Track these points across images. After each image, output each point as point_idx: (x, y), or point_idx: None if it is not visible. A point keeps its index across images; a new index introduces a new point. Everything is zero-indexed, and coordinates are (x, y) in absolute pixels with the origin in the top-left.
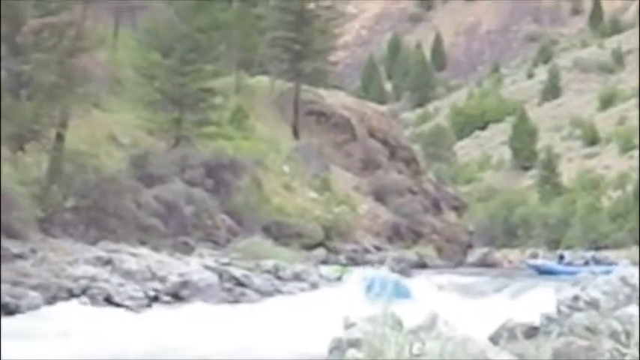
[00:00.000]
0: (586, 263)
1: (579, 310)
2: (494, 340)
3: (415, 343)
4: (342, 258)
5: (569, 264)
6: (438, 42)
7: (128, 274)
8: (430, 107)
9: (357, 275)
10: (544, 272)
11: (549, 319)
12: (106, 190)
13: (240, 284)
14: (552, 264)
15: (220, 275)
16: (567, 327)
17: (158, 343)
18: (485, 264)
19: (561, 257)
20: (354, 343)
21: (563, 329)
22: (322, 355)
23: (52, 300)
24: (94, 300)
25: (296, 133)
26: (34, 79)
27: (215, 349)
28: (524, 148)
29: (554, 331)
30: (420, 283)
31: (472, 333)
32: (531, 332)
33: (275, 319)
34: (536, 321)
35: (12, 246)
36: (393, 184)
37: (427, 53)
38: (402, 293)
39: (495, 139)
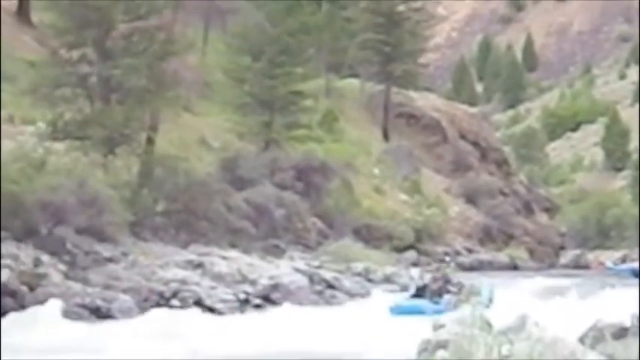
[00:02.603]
0: None
1: None
2: (583, 341)
3: (504, 344)
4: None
5: None
6: (528, 43)
7: (219, 277)
8: (521, 109)
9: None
10: None
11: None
12: (197, 194)
13: (331, 287)
14: None
15: (311, 278)
16: None
17: (251, 346)
18: (578, 266)
19: None
20: (443, 345)
21: None
22: (412, 356)
23: (143, 303)
24: (185, 303)
25: (386, 136)
26: (124, 84)
27: (309, 351)
28: (617, 150)
29: None
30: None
31: (562, 334)
32: (621, 333)
33: (365, 320)
34: (627, 321)
35: (103, 250)
36: (484, 186)
37: (518, 54)
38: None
39: (587, 141)
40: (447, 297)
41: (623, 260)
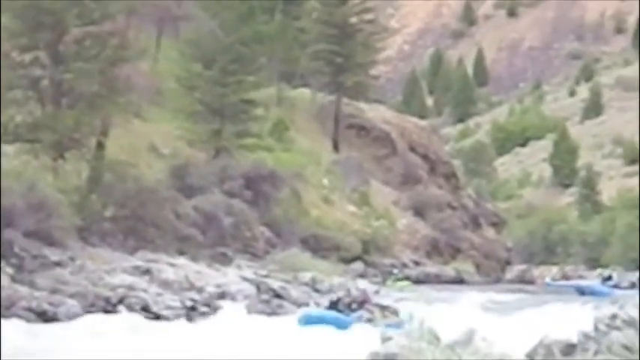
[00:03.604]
0: (632, 285)
1: (617, 328)
2: (531, 356)
3: (452, 358)
4: (379, 272)
5: (616, 286)
6: (480, 58)
7: (166, 284)
8: (471, 123)
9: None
10: (588, 294)
11: (587, 336)
12: (146, 200)
13: (278, 296)
14: (597, 286)
15: (258, 287)
16: (605, 345)
17: (195, 354)
18: (523, 281)
19: (608, 278)
20: (391, 357)
21: (600, 347)
22: None
23: (89, 308)
24: (131, 309)
25: (336, 147)
26: (75, 88)
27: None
28: (565, 166)
29: (592, 348)
30: (457, 299)
31: (509, 349)
32: (568, 350)
33: (311, 332)
34: (574, 338)
35: (51, 254)
36: (432, 199)
37: (469, 69)
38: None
39: (536, 156)
40: (359, 313)
41: (564, 276)
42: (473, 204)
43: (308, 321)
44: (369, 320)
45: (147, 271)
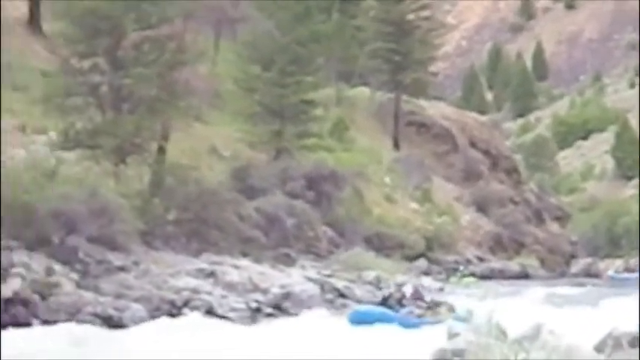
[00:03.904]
0: None
1: None
2: (599, 349)
3: (520, 353)
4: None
5: None
6: (539, 51)
7: (230, 286)
8: (532, 117)
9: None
10: None
11: None
12: (208, 203)
13: (342, 295)
14: None
15: (322, 287)
16: None
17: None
18: (588, 274)
19: None
20: (459, 354)
21: None
22: None
23: (154, 312)
24: (196, 312)
25: (397, 144)
26: (135, 93)
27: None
28: (627, 158)
29: None
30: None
31: (577, 342)
32: (636, 342)
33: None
34: None
35: (115, 258)
36: (494, 194)
37: (528, 63)
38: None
39: (598, 149)
40: (409, 308)
41: (627, 269)
42: (535, 198)
43: (356, 318)
44: (419, 316)
45: (211, 274)
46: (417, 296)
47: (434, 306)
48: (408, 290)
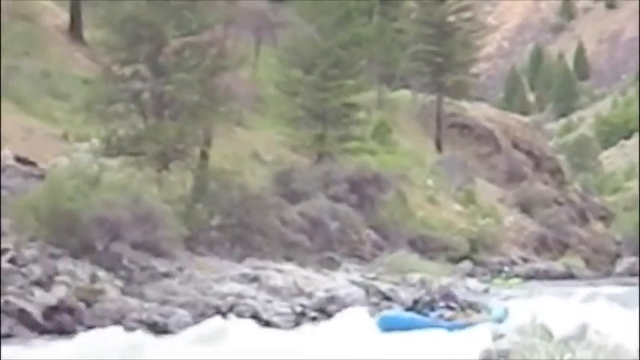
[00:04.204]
0: None
1: None
2: None
3: (566, 353)
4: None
5: None
6: (580, 51)
7: (275, 291)
8: (574, 117)
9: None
10: None
11: None
12: (251, 208)
13: (387, 298)
14: None
15: (367, 290)
16: None
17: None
18: (633, 273)
19: None
20: (504, 354)
21: None
22: None
23: (199, 318)
24: (241, 317)
25: (439, 146)
26: (177, 99)
27: None
28: None
29: None
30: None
31: (623, 342)
32: None
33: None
34: None
35: (159, 265)
36: (538, 195)
37: (570, 63)
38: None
39: None
40: (439, 312)
41: None
42: (579, 198)
43: (384, 323)
44: (449, 319)
45: (255, 279)
46: (449, 298)
47: (467, 307)
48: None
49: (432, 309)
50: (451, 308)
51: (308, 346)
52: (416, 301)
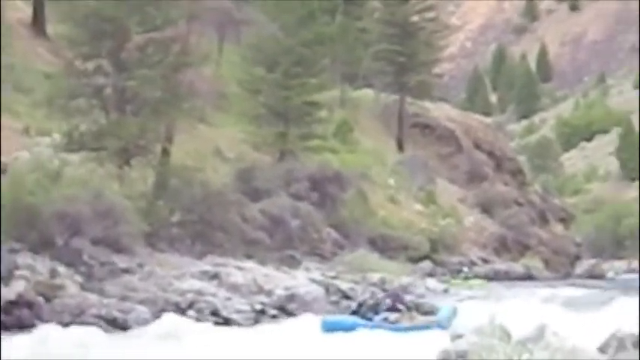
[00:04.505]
0: None
1: None
2: (603, 350)
3: (523, 353)
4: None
5: None
6: (543, 53)
7: (235, 288)
8: (536, 118)
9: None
10: None
11: None
12: (212, 205)
13: (347, 297)
14: None
15: (327, 288)
16: None
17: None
18: (592, 276)
19: None
20: (462, 355)
21: None
22: None
23: (159, 314)
24: (201, 314)
25: (401, 146)
26: (139, 95)
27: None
28: (631, 159)
29: None
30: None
31: (581, 344)
32: None
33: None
34: None
35: (120, 260)
36: (499, 196)
37: (532, 64)
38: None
39: (602, 150)
40: (383, 314)
41: (629, 270)
42: (540, 200)
43: (327, 327)
44: (394, 322)
45: (215, 276)
46: (397, 299)
47: (414, 308)
48: (386, 301)
49: (377, 312)
50: (397, 310)
51: (266, 344)
52: (360, 304)
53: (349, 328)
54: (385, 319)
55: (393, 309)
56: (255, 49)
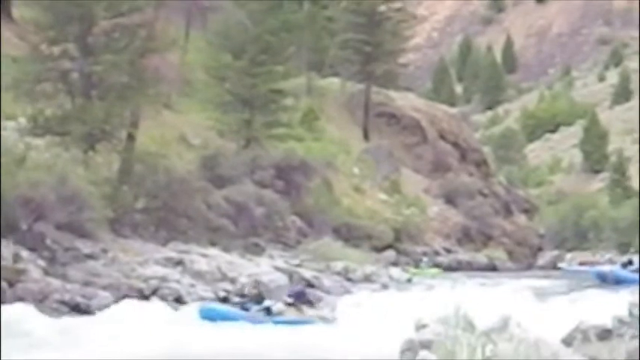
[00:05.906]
0: None
1: None
2: (567, 342)
3: (487, 344)
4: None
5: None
6: (508, 44)
7: (198, 275)
8: (500, 110)
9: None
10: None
11: (622, 322)
12: (177, 191)
13: (311, 285)
14: (618, 270)
15: (290, 276)
16: None
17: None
18: (555, 267)
19: (629, 263)
20: (426, 345)
21: (636, 332)
22: (394, 357)
23: (122, 300)
24: (164, 300)
25: (366, 135)
26: (105, 80)
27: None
28: (595, 152)
29: (627, 333)
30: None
31: (545, 335)
32: (604, 335)
33: (345, 320)
34: (609, 324)
35: (83, 246)
36: (463, 186)
37: (498, 55)
38: None
39: (566, 142)
40: (265, 305)
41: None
42: (504, 191)
43: (204, 314)
44: (278, 314)
45: (179, 263)
46: (298, 295)
47: (307, 302)
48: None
49: (258, 302)
50: (288, 304)
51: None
52: (243, 295)
53: (223, 316)
54: (267, 310)
55: (285, 302)
56: (221, 36)
